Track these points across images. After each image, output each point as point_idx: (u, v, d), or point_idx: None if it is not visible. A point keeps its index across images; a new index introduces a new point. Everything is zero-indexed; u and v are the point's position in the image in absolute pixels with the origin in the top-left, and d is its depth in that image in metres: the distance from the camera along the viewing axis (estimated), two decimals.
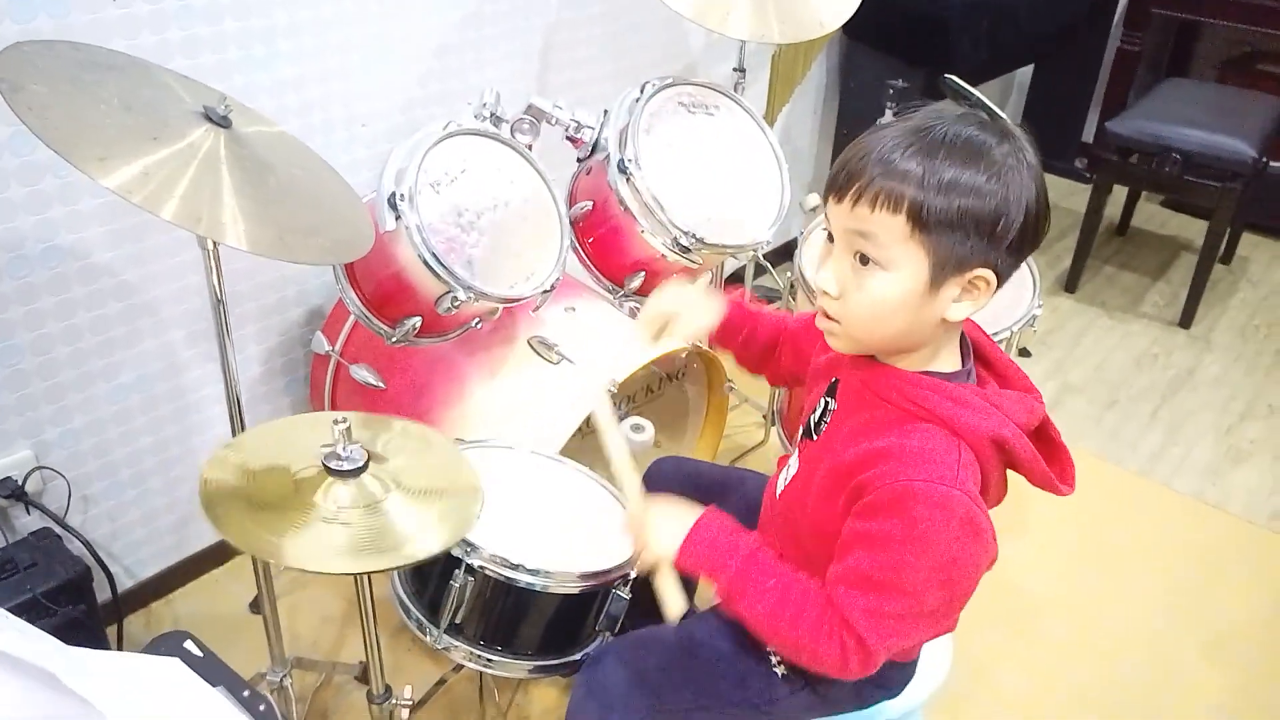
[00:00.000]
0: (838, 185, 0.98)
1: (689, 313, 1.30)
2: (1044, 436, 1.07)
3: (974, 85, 2.26)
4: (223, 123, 1.15)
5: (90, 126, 1.04)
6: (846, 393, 1.11)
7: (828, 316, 1.04)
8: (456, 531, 1.09)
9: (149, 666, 0.79)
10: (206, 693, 0.80)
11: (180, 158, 1.08)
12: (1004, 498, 1.08)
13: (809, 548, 1.13)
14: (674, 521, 1.10)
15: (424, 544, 1.04)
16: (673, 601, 1.08)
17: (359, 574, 1.07)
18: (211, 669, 0.85)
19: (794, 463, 1.19)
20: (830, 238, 1.02)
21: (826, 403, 1.14)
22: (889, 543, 0.97)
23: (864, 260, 0.97)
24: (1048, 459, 1.04)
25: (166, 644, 0.87)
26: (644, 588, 1.36)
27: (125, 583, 1.82)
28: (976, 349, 1.09)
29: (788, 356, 1.34)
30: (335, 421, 1.04)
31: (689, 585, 1.17)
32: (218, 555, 1.98)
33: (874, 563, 0.98)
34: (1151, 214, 3.77)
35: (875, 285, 0.97)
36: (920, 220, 0.93)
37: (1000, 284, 0.98)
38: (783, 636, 1.05)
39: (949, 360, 1.05)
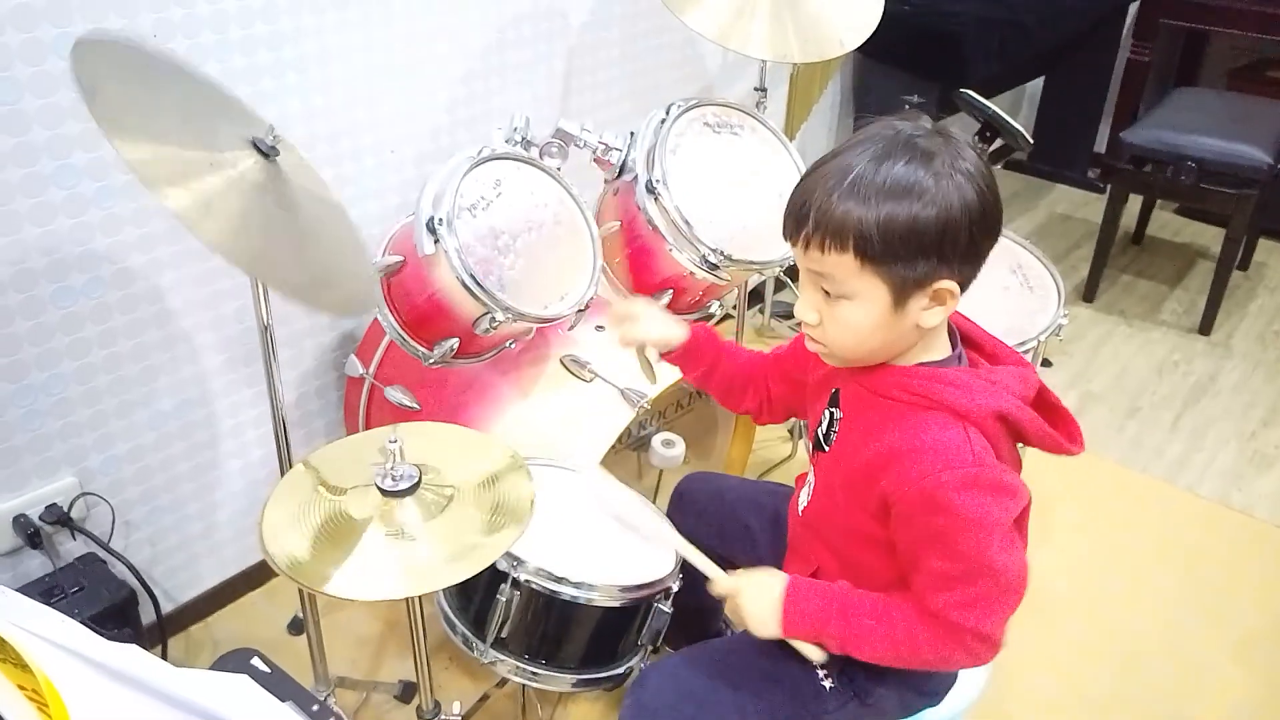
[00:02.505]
0: (788, 231, 1.04)
1: (656, 317, 1.37)
2: (1044, 403, 1.10)
3: (987, 99, 2.29)
4: (270, 153, 1.18)
5: (154, 143, 1.04)
6: (849, 399, 1.15)
7: (815, 340, 1.09)
8: (518, 518, 1.11)
9: (221, 683, 0.81)
10: (278, 708, 0.82)
11: (233, 187, 1.10)
12: (1020, 468, 1.11)
13: (845, 555, 1.15)
14: (765, 598, 1.14)
15: (495, 541, 1.07)
16: (811, 653, 1.14)
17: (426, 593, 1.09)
18: (280, 685, 0.86)
19: (811, 477, 1.22)
20: None
21: (832, 414, 1.17)
22: (944, 537, 1.01)
23: (827, 293, 1.02)
24: (1051, 423, 1.07)
25: (234, 660, 0.89)
26: (686, 604, 1.38)
27: (165, 607, 1.84)
28: (963, 333, 1.13)
29: (778, 385, 1.36)
30: (389, 441, 1.06)
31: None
32: (254, 578, 2.00)
33: (943, 559, 1.02)
34: (1166, 222, 3.79)
35: (844, 314, 1.02)
36: (866, 254, 0.97)
37: (965, 286, 1.02)
38: (909, 661, 1.09)
39: (939, 349, 1.09)
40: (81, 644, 0.58)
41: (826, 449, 1.17)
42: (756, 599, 1.15)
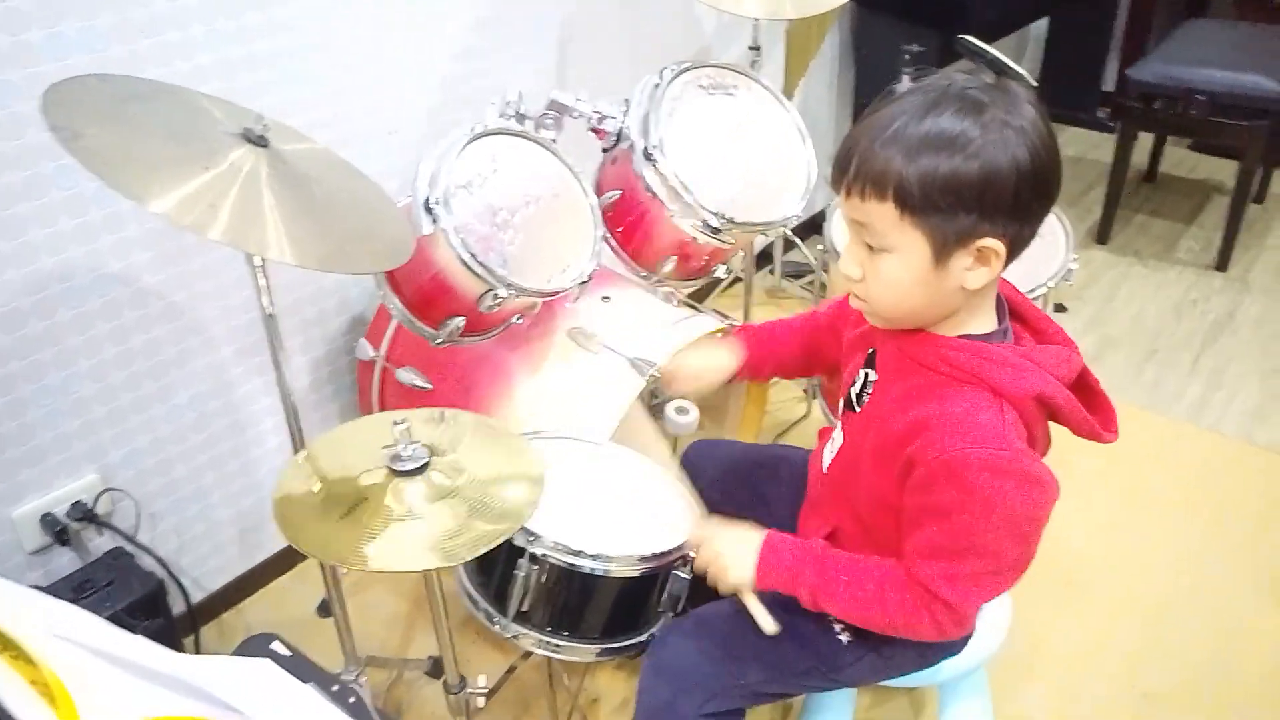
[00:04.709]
0: (834, 179, 1.03)
1: (707, 361, 1.39)
2: (1084, 386, 1.08)
3: (989, 43, 2.25)
4: (260, 142, 1.18)
5: (148, 165, 1.07)
6: (886, 362, 1.13)
7: (859, 297, 1.07)
8: (528, 504, 1.12)
9: (243, 668, 0.82)
10: (301, 690, 0.83)
11: (227, 181, 1.12)
12: (1049, 449, 1.09)
13: (866, 518, 1.15)
14: (741, 549, 1.15)
15: (500, 522, 1.08)
16: (765, 620, 1.15)
17: (441, 568, 1.10)
18: (300, 667, 0.88)
19: (838, 435, 1.21)
20: None
21: (866, 374, 1.15)
22: (954, 512, 1.00)
23: (870, 247, 1.01)
24: (1089, 408, 1.06)
25: (255, 645, 0.91)
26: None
27: (196, 595, 1.87)
28: (1011, 306, 1.11)
29: (828, 348, 1.36)
30: (395, 423, 1.08)
31: None
32: (282, 563, 2.03)
33: (945, 532, 1.02)
34: (1180, 159, 3.73)
35: (886, 268, 1.01)
36: (905, 204, 0.95)
37: (1015, 248, 0.99)
38: (875, 622, 1.10)
39: (985, 321, 1.07)
40: (89, 635, 0.59)
41: (858, 409, 1.16)
42: (733, 546, 1.16)
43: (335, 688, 0.88)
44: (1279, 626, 1.87)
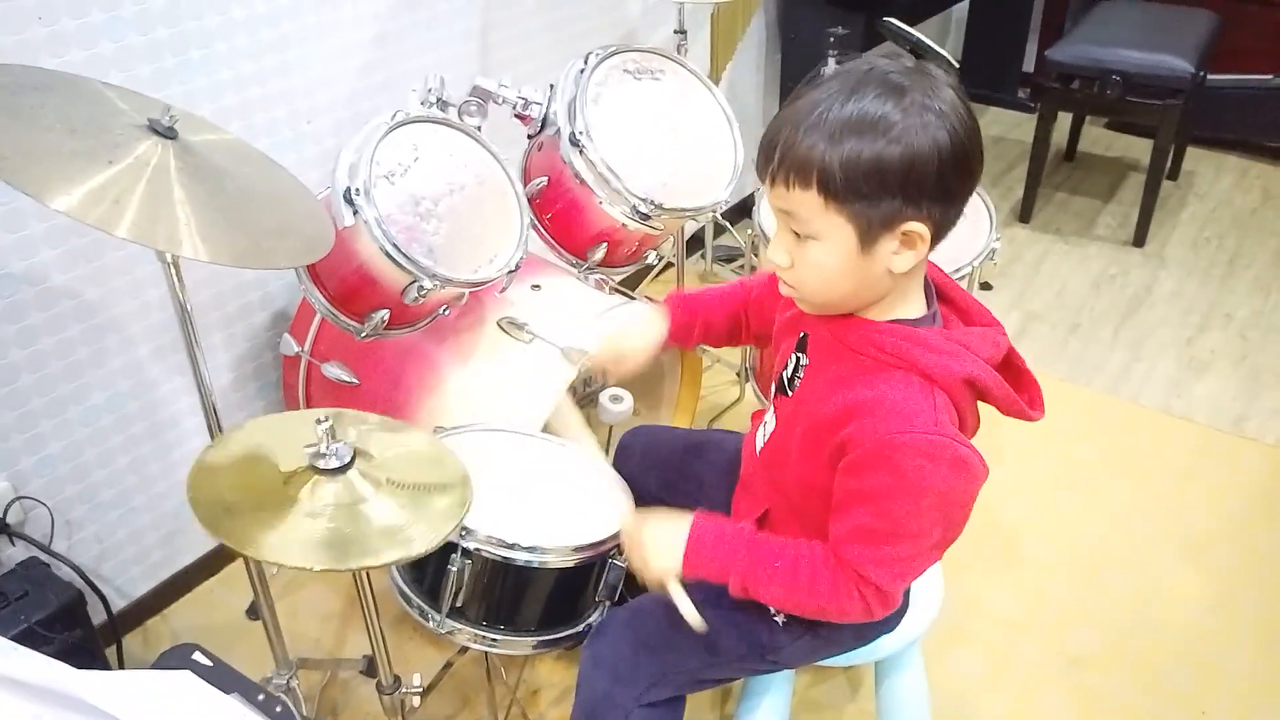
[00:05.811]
0: (758, 168, 1.02)
1: (635, 336, 1.35)
2: (1010, 366, 1.10)
3: (912, 25, 2.28)
4: (168, 134, 1.14)
5: (47, 159, 1.03)
6: (817, 346, 1.13)
7: (788, 284, 1.07)
8: (447, 524, 1.09)
9: (161, 682, 0.79)
10: (222, 702, 0.81)
11: (133, 174, 1.07)
12: (978, 428, 1.11)
13: (796, 501, 1.15)
14: (669, 536, 1.12)
15: (416, 542, 1.05)
16: (691, 615, 1.11)
17: (348, 570, 1.07)
18: (223, 677, 0.85)
19: (770, 419, 1.21)
20: None
21: (798, 358, 1.15)
22: (883, 496, 1.00)
23: (797, 234, 1.01)
24: (1016, 387, 1.07)
25: (176, 657, 0.88)
26: None
27: (119, 603, 1.81)
28: (938, 288, 1.11)
29: (755, 320, 1.36)
30: (318, 421, 1.05)
31: None
32: (209, 566, 1.97)
33: (873, 516, 1.02)
34: (1097, 137, 3.82)
35: (813, 255, 1.01)
36: (830, 192, 0.95)
37: (940, 230, 1.00)
38: (805, 608, 1.09)
39: (914, 305, 1.07)
40: None
41: (790, 393, 1.15)
42: (660, 534, 1.13)
43: (261, 697, 0.85)
44: (1196, 588, 1.94)
